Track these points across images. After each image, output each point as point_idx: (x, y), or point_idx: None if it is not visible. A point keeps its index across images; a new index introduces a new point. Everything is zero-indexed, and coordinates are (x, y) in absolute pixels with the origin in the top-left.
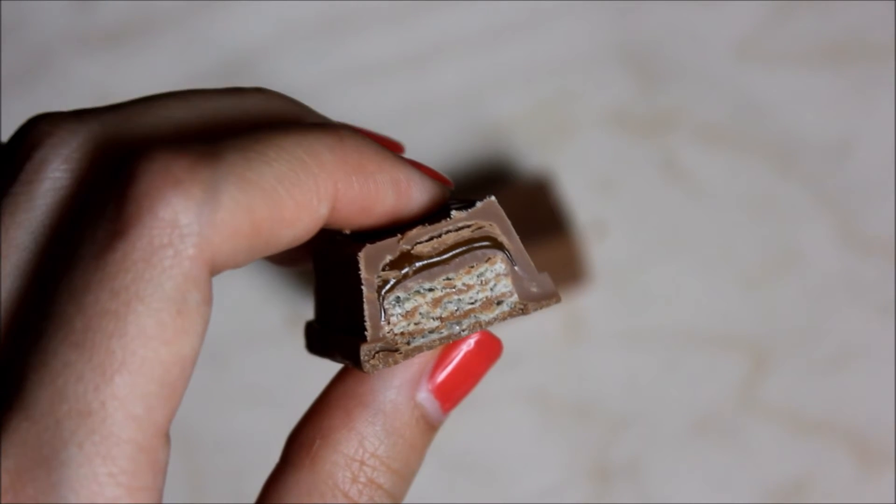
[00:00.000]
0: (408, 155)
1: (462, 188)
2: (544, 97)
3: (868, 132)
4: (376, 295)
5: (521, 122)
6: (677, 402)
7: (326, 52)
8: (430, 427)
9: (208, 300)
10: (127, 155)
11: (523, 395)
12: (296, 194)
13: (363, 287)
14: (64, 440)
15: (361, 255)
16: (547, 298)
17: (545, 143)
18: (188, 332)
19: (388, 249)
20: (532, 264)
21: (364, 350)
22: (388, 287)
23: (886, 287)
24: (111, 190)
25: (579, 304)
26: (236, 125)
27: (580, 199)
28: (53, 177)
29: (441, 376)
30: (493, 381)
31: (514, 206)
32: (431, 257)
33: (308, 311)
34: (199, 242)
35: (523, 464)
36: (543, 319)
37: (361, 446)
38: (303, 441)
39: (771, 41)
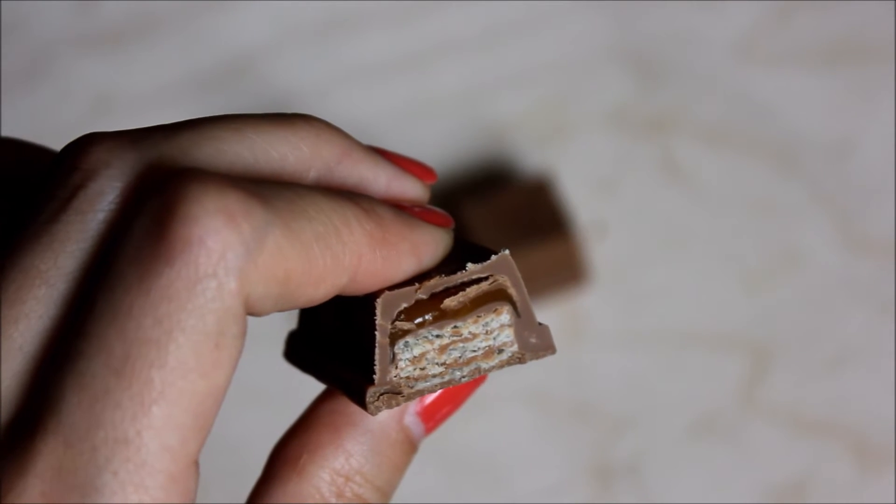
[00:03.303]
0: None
1: (462, 188)
2: (544, 97)
3: (868, 132)
4: (388, 340)
5: (521, 122)
6: (677, 402)
7: (326, 52)
8: (413, 447)
9: (244, 333)
10: (173, 173)
11: (523, 395)
12: (327, 256)
13: (377, 333)
14: (99, 467)
15: (379, 302)
16: (544, 350)
17: (545, 143)
18: (223, 365)
19: (405, 298)
20: (534, 316)
21: (370, 393)
22: (400, 333)
23: (886, 287)
24: (158, 208)
25: (579, 304)
26: (286, 165)
27: (580, 199)
28: (108, 209)
29: (429, 400)
30: (493, 381)
31: (514, 206)
32: (455, 310)
33: None
34: (241, 278)
35: (523, 464)
36: (543, 319)
37: (348, 463)
38: (288, 456)
39: (771, 41)
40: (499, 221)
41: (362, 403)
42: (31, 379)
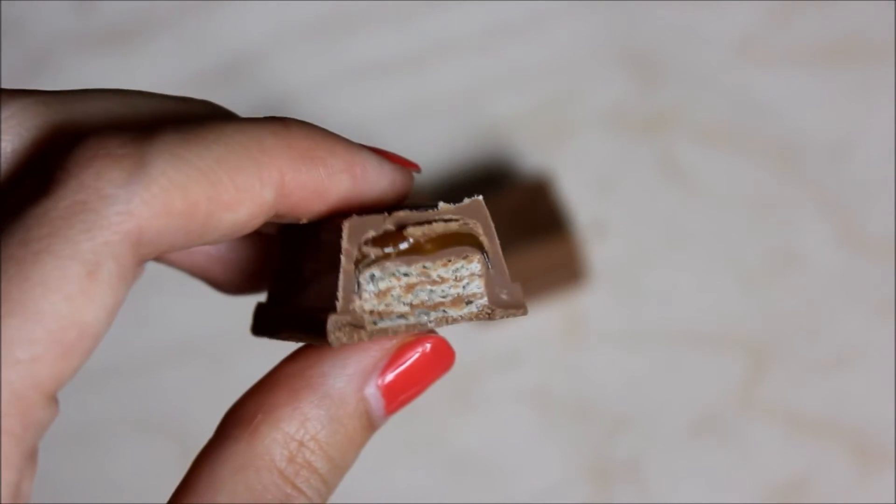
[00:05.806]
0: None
1: (462, 188)
2: (544, 97)
3: (868, 132)
4: (353, 267)
5: (521, 122)
6: (677, 402)
7: (326, 53)
8: (371, 425)
9: (126, 277)
10: (70, 144)
11: (523, 395)
12: (236, 177)
13: (342, 257)
14: None
15: (346, 224)
16: (514, 308)
17: (545, 143)
18: (95, 299)
19: (373, 225)
20: (506, 271)
21: (332, 320)
22: (366, 262)
23: (886, 287)
24: (48, 164)
25: (579, 304)
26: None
27: (580, 199)
28: None
29: (391, 375)
30: (493, 381)
31: (514, 206)
32: (419, 243)
33: None
34: (125, 213)
35: (523, 464)
36: (543, 319)
37: (303, 427)
38: (243, 415)
39: (771, 41)
40: (498, 221)
41: (323, 333)
42: None
